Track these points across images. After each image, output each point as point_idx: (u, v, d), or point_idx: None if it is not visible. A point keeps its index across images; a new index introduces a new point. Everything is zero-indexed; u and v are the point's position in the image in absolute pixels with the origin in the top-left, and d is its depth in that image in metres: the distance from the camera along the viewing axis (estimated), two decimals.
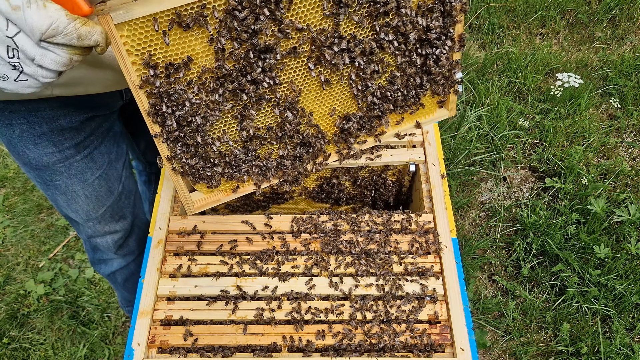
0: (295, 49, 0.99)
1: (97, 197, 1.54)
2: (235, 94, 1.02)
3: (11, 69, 0.80)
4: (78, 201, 1.52)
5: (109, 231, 1.67)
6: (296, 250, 1.32)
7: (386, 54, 1.10)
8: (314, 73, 1.05)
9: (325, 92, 1.12)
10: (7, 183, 2.78)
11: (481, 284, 2.41)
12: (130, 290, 1.99)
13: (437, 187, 1.41)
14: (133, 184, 1.70)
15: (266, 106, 1.08)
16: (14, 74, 0.81)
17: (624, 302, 2.26)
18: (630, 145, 2.84)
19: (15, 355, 2.24)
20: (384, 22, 1.04)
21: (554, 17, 3.36)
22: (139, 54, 0.91)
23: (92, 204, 1.55)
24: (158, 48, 0.92)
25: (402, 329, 1.21)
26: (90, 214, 1.57)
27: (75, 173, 1.44)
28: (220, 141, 1.10)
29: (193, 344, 1.19)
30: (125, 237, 1.75)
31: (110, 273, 1.86)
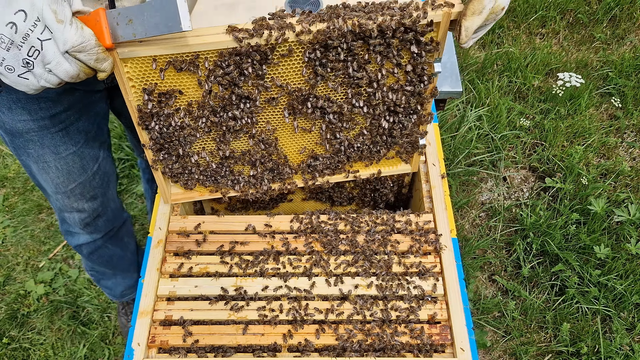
0: (274, 99, 1.11)
1: (69, 172, 1.54)
2: (216, 124, 1.14)
3: (22, 65, 0.88)
4: (49, 172, 1.52)
5: (77, 208, 1.68)
6: (296, 250, 1.32)
7: (356, 115, 1.18)
8: (287, 120, 1.16)
9: (297, 134, 1.22)
10: (7, 183, 2.78)
11: (481, 284, 2.41)
12: (95, 262, 2.01)
13: (437, 187, 1.41)
14: (111, 168, 1.71)
15: (243, 136, 1.20)
16: (21, 70, 0.89)
17: (624, 302, 2.26)
18: (630, 145, 2.84)
19: (15, 355, 2.24)
20: (356, 91, 1.12)
21: (554, 17, 3.36)
22: (137, 82, 1.06)
23: (62, 178, 1.55)
24: (154, 80, 1.06)
25: (402, 329, 1.21)
26: (60, 187, 1.58)
27: (49, 144, 1.44)
28: (198, 155, 1.23)
29: (193, 344, 1.19)
30: (94, 217, 1.76)
31: (76, 245, 1.90)
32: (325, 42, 1.02)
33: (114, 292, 2.21)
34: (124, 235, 2.06)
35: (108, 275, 2.12)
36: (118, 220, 1.94)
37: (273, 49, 1.03)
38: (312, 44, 1.03)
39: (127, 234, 2.09)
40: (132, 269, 2.19)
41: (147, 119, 1.11)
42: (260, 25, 1.01)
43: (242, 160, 1.26)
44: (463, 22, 1.04)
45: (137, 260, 2.22)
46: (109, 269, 2.08)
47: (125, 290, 2.22)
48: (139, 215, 2.66)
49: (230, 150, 1.23)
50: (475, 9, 1.01)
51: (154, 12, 0.91)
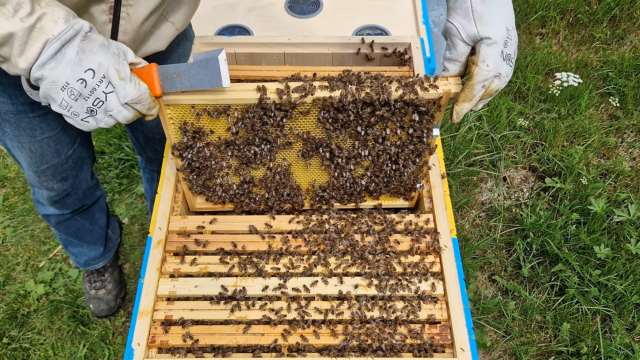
0: (290, 143, 1.29)
1: (42, 154, 1.56)
2: (239, 157, 1.32)
3: (85, 112, 1.03)
4: (22, 152, 1.55)
5: (46, 187, 1.72)
6: (296, 250, 1.32)
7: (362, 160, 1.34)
8: (301, 160, 1.34)
9: (309, 169, 1.39)
10: (7, 183, 2.78)
11: (481, 284, 2.41)
12: (62, 231, 2.07)
13: (437, 187, 1.41)
14: (87, 152, 1.73)
15: (261, 167, 1.37)
16: (84, 115, 1.04)
17: (624, 302, 2.26)
18: (630, 145, 2.84)
19: (15, 355, 2.24)
20: (363, 143, 1.29)
21: (554, 17, 3.36)
22: (177, 121, 1.25)
23: (35, 159, 1.58)
24: (191, 120, 1.25)
25: (402, 329, 1.21)
26: (31, 166, 1.61)
27: (25, 127, 1.45)
28: (222, 179, 1.39)
29: (193, 344, 1.19)
30: (62, 197, 1.80)
31: (44, 214, 1.96)
32: (337, 107, 1.19)
33: (79, 260, 2.27)
34: (95, 211, 2.11)
35: (74, 243, 2.17)
36: (89, 199, 1.98)
37: (294, 107, 1.20)
38: (326, 107, 1.20)
39: (98, 209, 2.14)
40: (100, 242, 2.24)
41: (182, 149, 1.30)
42: (286, 87, 1.18)
43: (260, 185, 1.41)
44: (455, 106, 1.14)
45: (105, 234, 2.27)
46: (75, 239, 2.13)
47: (89, 260, 2.27)
48: (139, 215, 2.66)
49: (250, 176, 1.39)
50: (467, 97, 1.12)
51: (199, 70, 1.09)
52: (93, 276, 2.34)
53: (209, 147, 1.29)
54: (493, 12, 1.07)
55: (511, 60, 1.10)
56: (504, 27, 1.07)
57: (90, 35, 1.01)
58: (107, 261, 2.34)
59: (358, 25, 2.11)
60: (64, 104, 1.01)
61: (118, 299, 2.36)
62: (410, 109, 1.19)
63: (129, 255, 2.54)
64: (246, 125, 1.23)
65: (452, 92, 1.15)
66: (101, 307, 2.31)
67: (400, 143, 1.28)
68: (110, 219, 2.31)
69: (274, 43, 1.71)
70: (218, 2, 2.24)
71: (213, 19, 2.18)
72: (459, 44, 1.10)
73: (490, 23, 1.07)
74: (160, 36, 1.37)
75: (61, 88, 0.99)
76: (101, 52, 1.00)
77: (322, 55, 1.72)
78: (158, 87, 1.11)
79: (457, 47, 1.11)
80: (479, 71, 1.07)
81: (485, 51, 1.07)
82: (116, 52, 1.03)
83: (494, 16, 1.07)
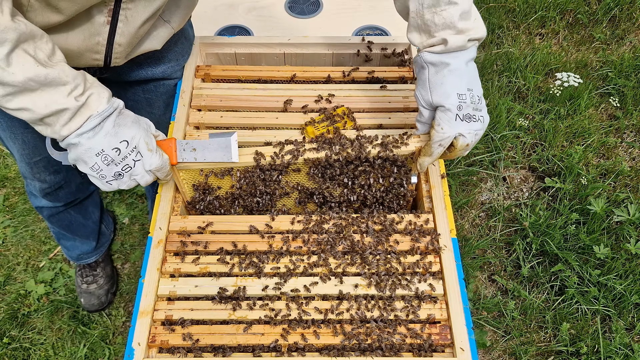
0: (288, 193, 1.46)
1: (35, 146, 1.58)
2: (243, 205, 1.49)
3: (112, 176, 1.19)
4: (15, 142, 1.56)
5: (39, 179, 1.74)
6: (296, 250, 1.32)
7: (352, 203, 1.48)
8: (298, 205, 1.49)
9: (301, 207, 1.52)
10: (7, 183, 2.79)
11: (481, 284, 2.41)
12: (55, 224, 2.08)
13: (437, 187, 1.41)
14: None
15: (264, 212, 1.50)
16: (110, 179, 1.20)
17: (623, 302, 2.27)
18: (630, 145, 2.84)
19: (16, 355, 2.24)
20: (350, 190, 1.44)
21: (553, 17, 3.36)
22: (189, 181, 1.43)
23: (27, 150, 1.60)
24: (201, 180, 1.42)
25: (401, 329, 1.21)
26: (24, 158, 1.63)
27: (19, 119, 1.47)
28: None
29: (193, 344, 1.20)
30: (55, 189, 1.82)
31: (37, 206, 1.99)
32: (324, 164, 1.37)
33: (71, 254, 2.28)
34: (89, 205, 2.12)
35: (67, 237, 2.18)
36: (82, 192, 1.99)
37: (287, 166, 1.38)
38: (315, 165, 1.37)
39: (92, 204, 2.16)
40: (92, 237, 2.25)
41: (195, 203, 1.46)
42: (280, 150, 1.36)
43: None
44: (418, 159, 1.33)
45: (98, 229, 2.28)
46: (67, 232, 2.14)
47: (81, 254, 2.28)
48: (139, 215, 2.66)
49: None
50: (426, 153, 1.29)
51: (214, 147, 1.30)
52: (85, 270, 2.35)
53: (218, 199, 1.46)
54: (446, 82, 1.20)
55: (472, 117, 1.22)
56: (456, 94, 1.20)
57: (123, 111, 1.18)
58: (100, 256, 2.35)
59: (358, 25, 2.11)
60: (96, 167, 1.16)
61: (109, 294, 2.36)
62: (387, 163, 1.37)
63: (129, 255, 2.54)
64: (248, 182, 1.41)
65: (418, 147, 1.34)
66: (92, 302, 2.32)
67: (383, 189, 1.43)
68: (104, 214, 2.32)
69: (274, 43, 1.71)
70: (218, 2, 2.24)
71: (213, 19, 2.18)
72: (423, 110, 1.27)
73: (443, 93, 1.20)
74: (156, 36, 1.38)
75: (96, 154, 1.14)
76: (134, 127, 1.18)
77: (322, 55, 1.72)
78: (175, 158, 1.29)
79: (422, 112, 1.27)
80: (435, 133, 1.23)
81: (439, 117, 1.22)
82: (145, 127, 1.22)
83: (447, 86, 1.20)
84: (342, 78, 1.65)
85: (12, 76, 1.01)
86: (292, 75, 1.64)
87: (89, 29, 1.22)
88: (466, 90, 1.21)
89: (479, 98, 1.22)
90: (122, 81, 1.55)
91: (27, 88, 1.04)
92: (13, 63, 1.01)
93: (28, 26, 1.03)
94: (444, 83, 1.21)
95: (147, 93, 1.62)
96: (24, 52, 1.03)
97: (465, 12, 1.17)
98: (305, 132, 1.49)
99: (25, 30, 1.02)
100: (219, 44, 1.71)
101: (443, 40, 1.18)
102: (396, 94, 1.59)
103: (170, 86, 1.64)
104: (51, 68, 1.06)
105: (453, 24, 1.17)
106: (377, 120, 1.53)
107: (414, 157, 1.36)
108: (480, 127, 1.24)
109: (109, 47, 1.27)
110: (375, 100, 1.57)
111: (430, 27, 1.19)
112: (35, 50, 1.05)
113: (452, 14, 1.16)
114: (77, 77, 1.10)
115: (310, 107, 1.55)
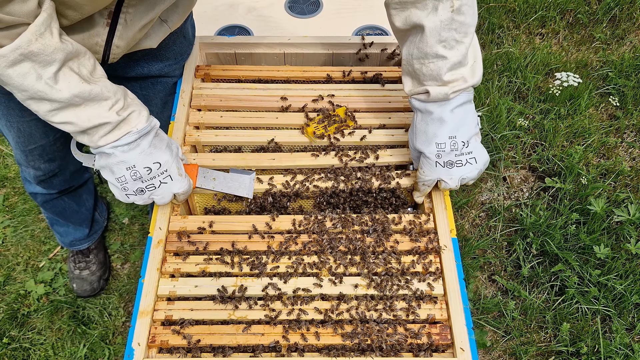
0: None
1: (31, 134, 1.59)
2: None
3: (134, 189, 1.24)
4: (11, 130, 1.58)
5: (33, 166, 1.76)
6: (296, 250, 1.32)
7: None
8: None
9: None
10: (7, 183, 2.79)
11: (481, 284, 2.41)
12: (49, 210, 2.11)
13: None
14: None
15: None
16: (132, 192, 1.25)
17: (624, 302, 2.26)
18: (630, 145, 2.84)
19: (15, 355, 2.24)
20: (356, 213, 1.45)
21: (554, 17, 3.36)
22: (202, 204, 1.52)
23: (23, 138, 1.61)
24: (214, 203, 1.52)
25: (401, 329, 1.21)
26: (19, 145, 1.64)
27: (14, 107, 1.49)
28: None
29: (193, 344, 1.19)
30: (49, 177, 1.84)
31: (31, 192, 2.00)
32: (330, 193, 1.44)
33: (64, 240, 2.30)
34: (83, 192, 2.14)
35: (60, 222, 2.20)
36: (76, 180, 2.02)
37: (296, 195, 1.44)
38: (322, 193, 1.44)
39: (86, 191, 2.18)
40: (86, 224, 2.27)
41: None
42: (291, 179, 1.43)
43: None
44: (413, 193, 1.42)
45: (91, 216, 2.30)
46: (61, 218, 2.16)
47: (74, 240, 2.30)
48: (139, 215, 2.66)
49: None
50: (417, 188, 1.39)
51: (232, 180, 1.39)
52: (78, 257, 2.38)
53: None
54: (429, 131, 1.26)
55: (456, 163, 1.27)
56: (434, 144, 1.26)
57: (159, 133, 1.25)
58: (93, 243, 2.38)
59: (358, 25, 2.11)
60: (122, 179, 1.22)
61: (101, 280, 2.38)
62: (388, 194, 1.45)
63: (129, 255, 2.54)
64: (257, 205, 1.48)
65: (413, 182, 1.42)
66: (84, 288, 2.34)
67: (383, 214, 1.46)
68: (98, 201, 2.34)
69: (274, 43, 1.71)
70: (218, 2, 2.24)
71: (213, 19, 2.18)
72: (412, 152, 1.36)
73: (424, 140, 1.27)
74: (153, 35, 1.39)
75: (127, 168, 1.20)
76: (167, 152, 1.25)
77: (322, 55, 1.72)
78: (195, 183, 1.36)
79: (412, 153, 1.37)
80: (418, 175, 1.34)
81: (422, 161, 1.31)
82: (176, 152, 1.28)
83: (428, 134, 1.26)
84: (342, 78, 1.65)
85: (59, 93, 1.07)
86: (292, 75, 1.64)
87: (88, 30, 1.23)
88: (447, 139, 1.25)
89: (465, 143, 1.26)
90: (119, 76, 1.55)
91: (72, 103, 1.10)
92: (60, 80, 1.06)
93: (74, 45, 1.09)
94: (426, 131, 1.27)
95: (144, 90, 1.61)
96: (69, 69, 1.08)
97: (456, 63, 1.19)
98: (305, 132, 1.49)
99: (72, 49, 1.08)
100: (219, 43, 1.71)
101: (426, 90, 1.22)
102: (396, 94, 1.59)
103: (169, 84, 1.63)
104: (95, 84, 1.12)
105: (439, 76, 1.19)
106: (377, 120, 1.53)
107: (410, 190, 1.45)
108: (468, 170, 1.29)
109: (107, 47, 1.28)
110: (375, 100, 1.57)
111: (419, 75, 1.23)
112: (79, 67, 1.11)
113: (440, 67, 1.19)
114: (117, 92, 1.16)
115: (310, 107, 1.55)
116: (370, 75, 1.64)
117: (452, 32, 1.16)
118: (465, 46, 1.18)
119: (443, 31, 1.16)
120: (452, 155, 1.26)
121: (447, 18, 1.14)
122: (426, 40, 1.17)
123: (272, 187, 1.42)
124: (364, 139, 1.49)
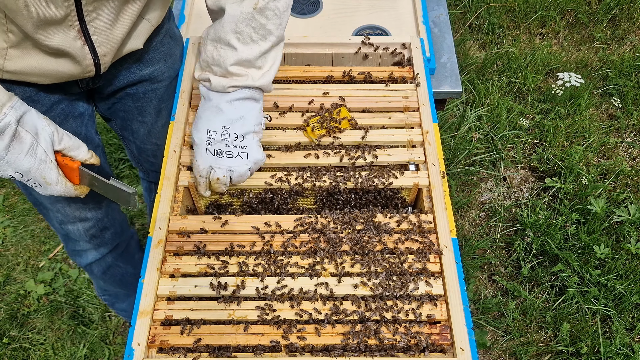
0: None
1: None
2: None
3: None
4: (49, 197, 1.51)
5: (80, 217, 1.66)
6: (296, 250, 1.32)
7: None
8: None
9: None
10: (7, 183, 2.79)
11: (481, 284, 2.41)
12: (108, 281, 1.97)
13: (437, 187, 1.41)
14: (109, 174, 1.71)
15: None
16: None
17: (624, 302, 2.26)
18: (630, 145, 2.84)
19: (15, 355, 2.24)
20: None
21: (554, 17, 3.36)
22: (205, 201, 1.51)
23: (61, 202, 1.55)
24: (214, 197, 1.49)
25: (401, 329, 1.21)
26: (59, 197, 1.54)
27: None
28: None
29: (193, 344, 1.19)
30: (100, 229, 1.73)
31: (86, 264, 1.87)
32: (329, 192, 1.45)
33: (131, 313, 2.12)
34: (134, 252, 2.02)
35: (121, 296, 2.07)
36: (126, 233, 1.90)
37: (297, 193, 1.45)
38: (321, 192, 1.45)
39: (137, 250, 2.04)
40: None
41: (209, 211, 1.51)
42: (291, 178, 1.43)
43: None
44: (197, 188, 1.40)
45: None
46: (122, 288, 2.02)
47: None
48: (139, 215, 2.66)
49: None
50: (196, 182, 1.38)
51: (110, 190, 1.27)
52: None
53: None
54: (204, 117, 1.31)
55: (226, 153, 1.30)
56: (206, 131, 1.29)
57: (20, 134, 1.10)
58: None
59: (358, 25, 2.11)
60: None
61: None
62: (388, 194, 1.46)
63: None
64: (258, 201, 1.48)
65: (420, 183, 1.43)
66: None
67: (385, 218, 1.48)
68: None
69: None
70: None
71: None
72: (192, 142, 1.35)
73: (199, 127, 1.31)
74: (137, 35, 1.38)
75: None
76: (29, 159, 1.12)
77: (322, 55, 1.72)
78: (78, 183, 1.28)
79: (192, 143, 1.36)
80: (193, 166, 1.36)
81: (195, 150, 1.34)
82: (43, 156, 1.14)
83: (203, 120, 1.30)
84: (342, 78, 1.65)
85: None
86: (292, 75, 1.64)
87: (75, 56, 1.24)
88: (220, 128, 1.28)
89: (238, 137, 1.30)
90: (113, 90, 1.54)
91: None
92: None
93: None
94: (202, 117, 1.31)
95: (137, 102, 1.60)
96: None
97: (245, 60, 1.23)
98: (305, 133, 1.49)
99: None
100: None
101: (209, 79, 1.27)
102: (396, 94, 1.59)
103: (160, 91, 1.62)
104: None
105: (224, 64, 1.23)
106: (377, 120, 1.53)
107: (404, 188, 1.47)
108: (238, 163, 1.32)
109: (97, 60, 1.29)
110: (375, 100, 1.57)
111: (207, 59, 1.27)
112: None
113: (228, 56, 1.23)
114: None
115: (310, 107, 1.55)
116: (370, 75, 1.64)
117: (249, 29, 1.21)
118: (261, 49, 1.24)
119: (240, 23, 1.21)
120: (222, 144, 1.30)
121: (248, 13, 1.19)
122: (223, 25, 1.23)
123: (271, 186, 1.43)
124: (364, 139, 1.49)
